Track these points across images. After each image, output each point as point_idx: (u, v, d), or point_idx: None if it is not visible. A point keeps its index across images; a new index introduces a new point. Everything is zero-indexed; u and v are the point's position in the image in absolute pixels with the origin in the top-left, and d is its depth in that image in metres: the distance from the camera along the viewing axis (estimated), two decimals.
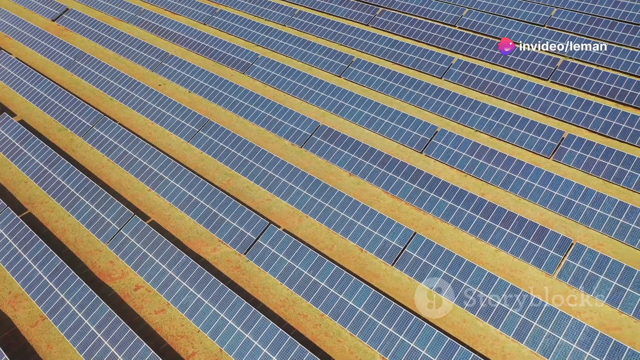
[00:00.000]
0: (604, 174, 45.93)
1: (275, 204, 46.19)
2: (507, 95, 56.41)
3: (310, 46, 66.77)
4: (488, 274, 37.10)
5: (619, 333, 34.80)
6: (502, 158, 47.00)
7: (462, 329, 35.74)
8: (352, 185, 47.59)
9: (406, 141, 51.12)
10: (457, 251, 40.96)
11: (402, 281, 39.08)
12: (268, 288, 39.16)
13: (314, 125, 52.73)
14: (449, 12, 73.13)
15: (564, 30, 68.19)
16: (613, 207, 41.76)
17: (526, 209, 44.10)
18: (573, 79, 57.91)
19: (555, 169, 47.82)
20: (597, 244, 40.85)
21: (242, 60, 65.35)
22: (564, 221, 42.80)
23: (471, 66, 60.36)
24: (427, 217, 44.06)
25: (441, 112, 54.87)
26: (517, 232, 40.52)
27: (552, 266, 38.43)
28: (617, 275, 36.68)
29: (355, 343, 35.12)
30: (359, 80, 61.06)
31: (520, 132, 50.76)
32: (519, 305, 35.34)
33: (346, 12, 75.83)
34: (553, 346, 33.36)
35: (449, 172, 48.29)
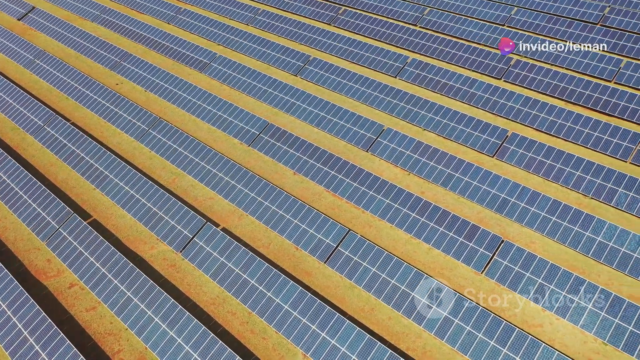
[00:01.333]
0: (544, 172, 46.26)
1: (217, 202, 46.41)
2: (457, 94, 56.70)
3: (269, 45, 66.98)
4: (416, 272, 37.39)
5: (540, 330, 35.13)
6: (444, 157, 47.29)
7: (387, 326, 36.03)
8: (296, 184, 47.83)
9: (353, 140, 51.39)
10: (391, 249, 41.24)
11: (333, 279, 39.34)
12: (200, 286, 39.38)
13: (263, 124, 52.94)
14: (411, 11, 73.39)
15: (522, 29, 68.50)
16: (547, 206, 42.08)
17: (464, 207, 44.40)
18: (525, 78, 58.22)
19: (497, 167, 48.13)
20: (529, 242, 41.18)
21: (200, 59, 65.54)
22: (500, 219, 43.11)
23: (425, 65, 60.63)
24: (365, 215, 44.33)
25: (391, 111, 55.13)
26: (449, 230, 40.82)
27: (481, 264, 38.74)
28: (542, 273, 37.00)
29: (280, 340, 35.38)
30: (314, 79, 61.29)
31: (466, 131, 51.05)
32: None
33: (309, 12, 76.03)
34: (472, 343, 33.67)
35: (393, 171, 48.56)
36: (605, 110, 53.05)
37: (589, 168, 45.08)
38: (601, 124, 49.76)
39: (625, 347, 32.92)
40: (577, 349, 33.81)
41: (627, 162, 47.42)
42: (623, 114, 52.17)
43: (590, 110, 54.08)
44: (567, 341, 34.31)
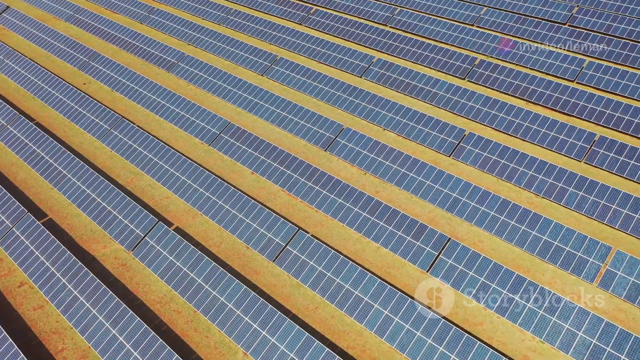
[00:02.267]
0: (498, 172, 46.55)
1: (173, 202, 46.62)
2: (420, 94, 56.96)
3: (238, 45, 67.19)
4: (360, 271, 37.65)
5: (480, 329, 35.40)
6: (400, 156, 47.55)
7: (329, 324, 36.28)
8: (253, 184, 48.07)
9: (312, 140, 51.65)
10: (340, 248, 41.51)
11: (281, 278, 39.59)
12: (148, 285, 39.60)
13: (224, 124, 53.16)
14: (382, 11, 73.64)
15: (490, 29, 68.78)
16: (496, 205, 42.36)
17: (416, 206, 44.68)
18: (488, 77, 58.51)
19: (453, 167, 48.41)
20: (477, 241, 41.46)
21: (168, 59, 65.73)
22: (450, 218, 43.39)
23: (390, 65, 60.88)
24: (318, 214, 44.59)
25: (353, 111, 55.39)
26: (398, 229, 41.09)
27: (426, 263, 39.01)
28: (485, 272, 37.28)
29: (222, 339, 35.62)
30: (280, 79, 61.52)
31: (424, 130, 51.32)
32: (383, 301, 35.88)
33: (281, 11, 76.25)
34: (410, 341, 33.93)
35: (350, 171, 48.82)
36: (564, 110, 53.36)
37: (541, 167, 45.37)
38: (558, 124, 50.06)
39: (561, 346, 33.21)
40: (515, 347, 34.10)
41: (581, 161, 47.71)
42: (581, 114, 52.48)
43: (550, 110, 54.39)
44: (506, 339, 34.59)
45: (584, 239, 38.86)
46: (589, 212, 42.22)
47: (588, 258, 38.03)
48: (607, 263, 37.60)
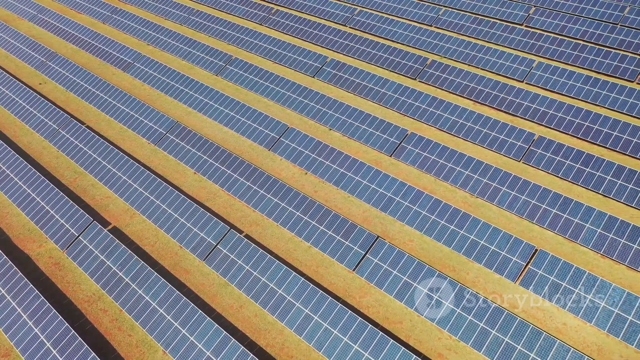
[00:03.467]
0: (436, 171, 46.92)
1: (113, 201, 46.87)
2: (369, 94, 57.32)
3: (195, 45, 67.44)
4: (285, 270, 37.97)
5: (399, 327, 35.76)
6: (340, 156, 47.89)
7: (252, 323, 36.58)
8: (194, 184, 48.35)
9: (257, 139, 51.96)
10: (273, 247, 41.82)
11: (210, 277, 39.88)
12: (79, 284, 39.85)
13: (171, 124, 53.44)
14: (342, 11, 73.97)
15: (448, 30, 69.14)
16: (428, 205, 42.73)
17: (352, 206, 45.03)
18: (438, 78, 58.88)
19: (394, 166, 48.78)
20: (407, 240, 41.82)
21: (125, 59, 65.97)
22: (384, 218, 43.75)
23: (342, 65, 61.23)
24: (255, 214, 44.90)
25: (301, 111, 55.72)
26: (329, 228, 41.42)
27: (353, 262, 39.35)
28: (408, 271, 37.63)
29: (144, 337, 35.89)
30: (234, 79, 61.82)
31: (368, 130, 51.68)
32: (305, 300, 36.20)
33: (243, 12, 76.53)
34: (327, 339, 34.27)
35: (291, 170, 49.14)
36: (509, 110, 53.76)
37: (477, 167, 45.76)
38: (499, 124, 50.46)
39: (474, 344, 33.59)
40: (431, 345, 34.45)
41: (519, 161, 48.11)
42: (525, 114, 52.90)
43: (496, 110, 54.79)
44: (423, 337, 34.94)
45: (509, 238, 39.25)
46: (520, 211, 42.63)
47: (512, 257, 38.43)
48: (530, 262, 37.97)
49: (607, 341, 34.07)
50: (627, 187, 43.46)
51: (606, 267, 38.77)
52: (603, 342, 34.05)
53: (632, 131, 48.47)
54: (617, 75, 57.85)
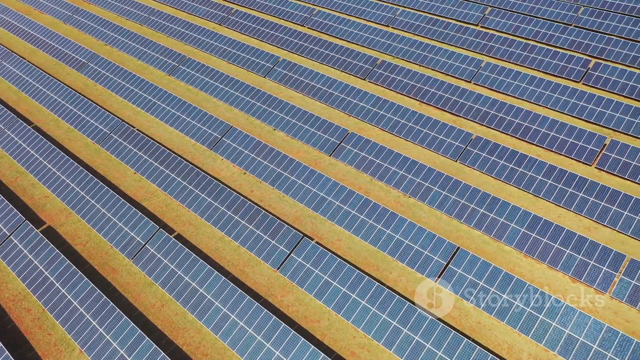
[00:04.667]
0: (372, 171, 47.21)
1: (51, 201, 47.06)
2: (317, 94, 57.60)
3: (152, 45, 67.64)
4: (208, 269, 38.21)
5: (316, 325, 36.05)
6: (278, 156, 48.15)
7: (172, 322, 36.82)
8: (134, 183, 48.56)
9: (200, 139, 52.21)
10: (203, 246, 42.07)
11: (136, 276, 40.10)
12: (6, 283, 40.04)
13: (116, 123, 53.63)
14: (301, 12, 74.22)
15: (403, 30, 69.45)
16: (358, 204, 43.00)
17: (285, 205, 45.29)
18: (386, 78, 59.18)
19: (332, 166, 49.06)
20: (335, 239, 42.10)
21: (80, 59, 66.14)
22: (315, 217, 44.02)
23: (294, 65, 61.49)
24: (189, 213, 45.14)
25: (248, 111, 55.98)
26: (257, 228, 41.68)
27: (278, 261, 39.61)
28: (329, 270, 37.91)
29: (63, 336, 36.11)
30: (185, 79, 62.05)
31: (311, 130, 51.95)
32: (224, 299, 36.44)
33: (204, 12, 76.76)
34: (241, 338, 34.54)
35: (231, 170, 49.39)
36: (452, 110, 54.09)
37: (411, 167, 46.07)
38: (439, 124, 50.79)
39: (386, 342, 33.88)
40: (345, 344, 34.74)
41: (456, 161, 48.43)
42: (467, 114, 53.25)
43: (440, 110, 55.11)
44: (338, 336, 35.22)
45: (433, 237, 39.56)
46: (449, 211, 42.96)
47: (433, 256, 38.75)
48: (451, 261, 38.28)
49: (518, 340, 34.40)
50: (557, 186, 43.81)
51: (527, 267, 39.10)
52: (514, 341, 34.39)
53: (568, 131, 48.83)
54: (564, 76, 58.22)
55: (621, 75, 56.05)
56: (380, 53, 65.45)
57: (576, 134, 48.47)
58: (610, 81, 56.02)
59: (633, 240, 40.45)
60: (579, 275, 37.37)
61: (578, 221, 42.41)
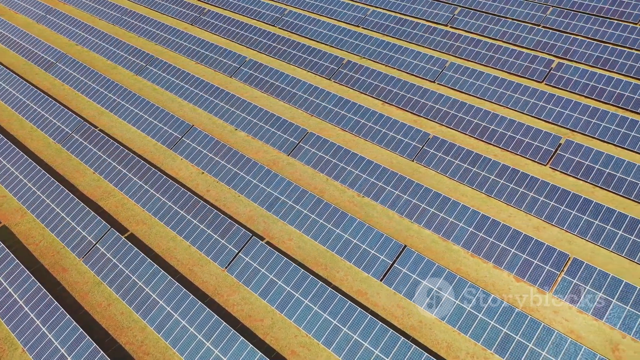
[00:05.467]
0: (328, 171, 47.38)
1: (8, 200, 47.17)
2: (281, 94, 57.75)
3: (121, 45, 67.74)
4: (155, 269, 38.35)
5: (260, 324, 36.21)
6: (235, 156, 48.30)
7: (117, 321, 36.94)
8: (92, 183, 48.67)
9: (161, 139, 52.33)
10: (154, 246, 42.19)
11: (86, 275, 40.22)
12: None
13: (78, 123, 53.74)
14: (272, 12, 74.37)
15: (373, 30, 69.63)
16: (309, 204, 43.16)
17: (240, 205, 45.44)
18: (351, 78, 59.35)
19: (290, 166, 49.21)
20: (287, 238, 42.26)
21: (48, 59, 66.23)
22: (268, 217, 44.17)
23: (259, 65, 61.63)
24: (144, 213, 45.27)
25: (211, 111, 56.11)
26: (208, 227, 41.82)
27: (226, 261, 39.76)
28: (275, 270, 38.07)
29: (7, 335, 36.23)
30: (152, 79, 62.15)
31: (271, 130, 52.11)
32: (169, 299, 36.58)
33: (176, 12, 76.87)
34: (183, 337, 34.68)
35: (190, 170, 49.53)
36: (414, 110, 54.27)
37: (366, 167, 46.23)
38: (398, 124, 50.96)
39: (325, 341, 34.05)
40: (286, 343, 34.90)
41: (412, 161, 48.62)
42: (428, 114, 53.42)
43: (402, 110, 55.30)
44: (280, 335, 35.39)
45: (380, 237, 39.74)
46: (401, 210, 43.15)
47: (380, 256, 38.92)
48: (396, 261, 38.46)
49: (457, 338, 34.59)
50: (509, 186, 44.02)
51: (473, 266, 39.30)
52: (453, 339, 34.58)
53: (525, 131, 49.04)
54: (527, 76, 58.45)
55: (582, 75, 56.30)
56: (348, 53, 65.63)
57: (532, 134, 48.69)
58: (571, 81, 56.26)
59: (579, 239, 40.68)
60: (523, 274, 37.58)
61: (528, 220, 42.62)
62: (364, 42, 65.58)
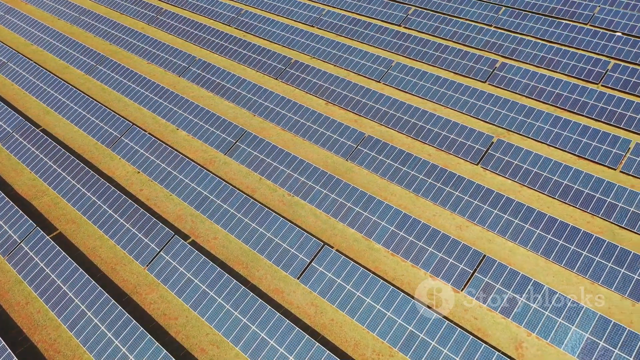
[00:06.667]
0: (261, 170, 47.61)
1: None
2: (226, 94, 57.97)
3: (73, 44, 67.86)
4: (74, 267, 38.51)
5: (174, 323, 36.40)
6: (170, 155, 48.51)
7: (34, 319, 37.13)
8: (27, 182, 48.80)
9: (101, 139, 52.49)
10: (81, 245, 42.36)
11: (9, 275, 40.39)
12: None
13: (20, 122, 53.87)
14: (229, 12, 74.58)
15: (326, 30, 69.87)
16: (237, 203, 43.37)
17: (170, 204, 45.65)
18: (297, 78, 59.60)
19: (226, 165, 49.45)
20: (212, 237, 42.48)
21: (0, 59, 66.32)
22: (196, 216, 44.39)
23: (208, 65, 61.83)
24: (74, 212, 45.44)
25: (155, 110, 56.29)
26: (133, 226, 42.00)
27: (147, 260, 39.95)
28: (193, 269, 38.26)
29: None
30: (101, 79, 62.31)
31: (210, 130, 52.31)
32: (84, 297, 36.75)
33: (134, 11, 77.03)
34: (93, 335, 34.86)
35: (126, 169, 49.70)
36: (355, 110, 54.54)
37: (298, 166, 46.48)
38: (335, 123, 51.21)
39: (234, 339, 34.27)
40: (197, 340, 35.13)
41: (346, 160, 48.85)
42: (368, 114, 53.68)
43: (344, 110, 55.55)
44: (193, 332, 35.61)
45: (301, 235, 39.98)
46: (328, 209, 43.40)
47: (299, 254, 39.16)
48: (314, 259, 38.70)
49: (366, 336, 34.86)
50: (436, 185, 44.30)
51: (392, 264, 39.57)
52: (361, 337, 34.84)
53: (459, 131, 49.33)
54: (471, 76, 58.75)
55: (524, 75, 56.62)
56: (299, 53, 65.87)
57: (466, 134, 48.98)
58: (513, 81, 56.58)
59: (499, 238, 40.98)
60: (438, 272, 37.86)
61: (452, 219, 42.91)
62: (315, 42, 65.83)
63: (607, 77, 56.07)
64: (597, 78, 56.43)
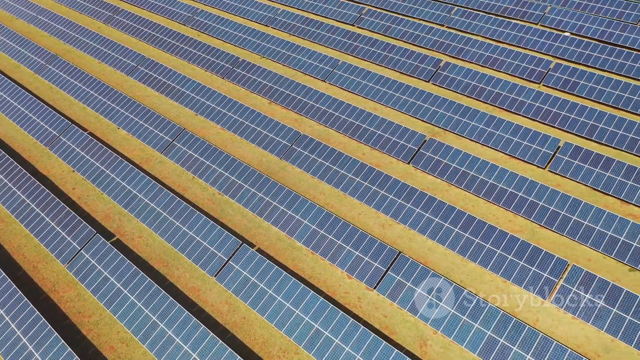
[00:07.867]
0: (194, 169, 47.74)
1: None
2: (170, 93, 58.08)
3: (25, 43, 67.91)
4: None
5: (87, 321, 36.50)
6: (104, 155, 48.60)
7: None
8: None
9: (40, 137, 52.57)
10: (7, 243, 42.45)
11: None
12: None
13: None
14: (185, 11, 74.68)
15: (280, 30, 70.01)
16: (163, 202, 43.47)
17: (100, 203, 45.77)
18: (243, 77, 59.76)
19: (160, 164, 49.58)
20: (136, 236, 42.61)
21: None
22: (124, 214, 44.51)
23: (156, 64, 61.93)
24: (3, 211, 45.56)
25: (98, 110, 56.37)
26: (58, 224, 42.05)
27: (68, 258, 40.02)
28: (110, 267, 38.36)
29: None
30: (49, 78, 62.35)
31: (149, 129, 52.42)
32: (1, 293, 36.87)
33: (91, 10, 77.07)
34: (3, 332, 34.94)
35: (62, 168, 49.81)
36: (296, 109, 54.69)
37: (229, 165, 46.62)
38: (273, 122, 51.33)
39: (142, 337, 34.40)
40: (107, 339, 35.25)
41: (280, 159, 48.99)
42: (307, 113, 53.85)
43: (286, 109, 55.71)
44: (104, 331, 35.75)
45: (221, 234, 40.12)
46: (254, 208, 43.54)
47: (217, 253, 39.30)
48: (231, 258, 38.84)
49: (274, 334, 35.00)
50: (363, 184, 44.48)
51: (311, 263, 39.73)
52: (270, 335, 35.00)
53: (393, 130, 49.53)
54: (415, 75, 58.96)
55: (466, 75, 56.83)
56: (250, 53, 66.05)
57: (400, 133, 49.17)
58: (455, 81, 56.79)
59: (420, 236, 41.18)
60: (353, 271, 38.03)
61: (376, 218, 43.09)
62: (266, 41, 65.99)
63: (548, 77, 56.33)
64: (538, 78, 56.69)
